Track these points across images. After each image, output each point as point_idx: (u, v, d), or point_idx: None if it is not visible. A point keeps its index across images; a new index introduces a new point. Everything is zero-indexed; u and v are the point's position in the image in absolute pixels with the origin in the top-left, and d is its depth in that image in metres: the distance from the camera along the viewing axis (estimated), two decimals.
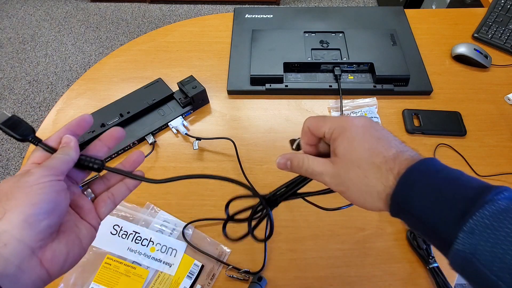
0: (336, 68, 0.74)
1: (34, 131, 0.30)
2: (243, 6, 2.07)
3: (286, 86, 0.74)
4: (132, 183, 0.34)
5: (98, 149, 0.33)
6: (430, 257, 0.53)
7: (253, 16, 0.87)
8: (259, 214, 0.37)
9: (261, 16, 0.87)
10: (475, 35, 0.84)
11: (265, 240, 0.36)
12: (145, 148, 0.68)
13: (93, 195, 0.32)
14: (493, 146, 0.66)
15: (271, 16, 0.87)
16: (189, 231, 0.58)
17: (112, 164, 0.66)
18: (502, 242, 0.21)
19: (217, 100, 0.74)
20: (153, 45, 0.85)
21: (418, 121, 0.69)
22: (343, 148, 0.30)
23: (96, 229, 0.31)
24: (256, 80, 0.74)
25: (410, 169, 0.27)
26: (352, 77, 0.75)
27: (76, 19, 2.18)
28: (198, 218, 0.59)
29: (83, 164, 0.31)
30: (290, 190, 0.35)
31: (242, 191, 0.64)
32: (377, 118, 0.69)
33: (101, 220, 0.32)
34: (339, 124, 0.31)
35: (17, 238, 0.24)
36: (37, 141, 0.30)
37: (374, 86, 0.73)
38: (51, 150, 0.30)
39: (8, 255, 0.23)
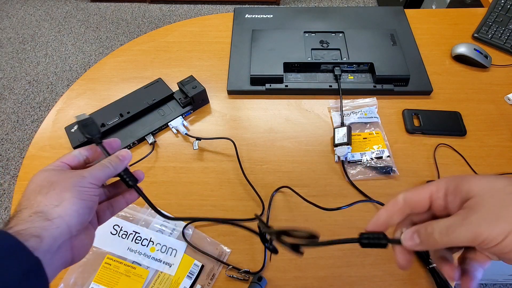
0: (336, 68, 0.74)
1: (100, 132, 0.35)
2: (243, 6, 2.07)
3: (286, 86, 0.74)
4: (130, 199, 0.37)
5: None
6: (430, 257, 0.53)
7: (253, 16, 0.87)
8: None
9: (261, 16, 0.87)
10: (475, 35, 0.84)
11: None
12: (145, 148, 0.68)
13: None
14: (493, 146, 0.66)
15: (271, 16, 0.87)
16: (189, 231, 0.58)
17: None
18: None
19: (217, 100, 0.74)
20: (153, 45, 0.85)
21: (418, 121, 0.69)
22: (487, 189, 0.24)
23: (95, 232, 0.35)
24: (256, 80, 0.74)
25: None
26: (352, 77, 0.75)
27: (76, 19, 2.18)
28: (198, 218, 0.58)
29: (121, 175, 0.34)
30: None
31: (241, 191, 0.64)
32: (377, 118, 0.69)
33: (98, 226, 0.35)
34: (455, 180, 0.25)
35: (66, 224, 0.28)
36: (99, 142, 0.35)
37: (374, 86, 0.73)
38: (108, 154, 0.35)
39: (57, 236, 0.28)
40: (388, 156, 0.64)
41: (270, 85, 0.74)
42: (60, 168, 0.32)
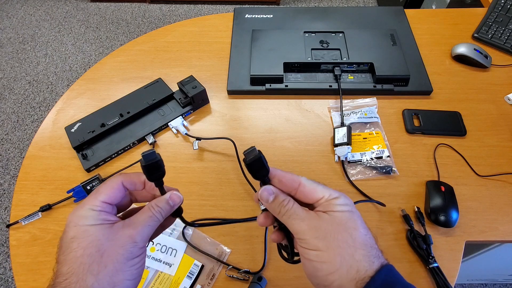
0: (336, 68, 0.74)
1: (164, 174, 0.32)
2: (243, 6, 2.07)
3: (286, 86, 0.74)
4: (168, 225, 0.35)
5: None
6: (430, 257, 0.53)
7: (253, 16, 0.87)
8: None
9: (261, 16, 0.87)
10: (475, 35, 0.84)
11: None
12: (145, 148, 0.68)
13: None
14: (493, 146, 0.66)
15: (271, 16, 0.87)
16: (189, 231, 0.58)
17: (113, 164, 0.66)
18: None
19: (217, 100, 0.74)
20: (153, 45, 0.85)
21: (418, 121, 0.69)
22: (344, 217, 0.29)
23: None
24: (256, 80, 0.74)
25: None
26: (352, 77, 0.75)
27: (76, 19, 2.18)
28: (198, 218, 0.59)
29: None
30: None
31: (241, 191, 0.64)
32: (377, 118, 0.69)
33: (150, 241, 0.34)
34: (349, 201, 0.31)
35: None
36: (160, 184, 0.32)
37: (374, 86, 0.73)
38: (163, 193, 0.32)
39: None
40: (388, 156, 0.64)
41: (270, 85, 0.74)
42: (106, 223, 0.29)
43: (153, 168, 0.30)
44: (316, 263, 0.28)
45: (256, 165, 0.30)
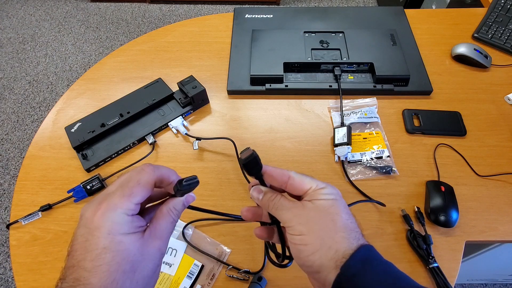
0: (336, 68, 0.74)
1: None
2: (243, 6, 2.07)
3: (286, 86, 0.74)
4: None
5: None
6: (430, 257, 0.53)
7: (253, 16, 0.87)
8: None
9: (261, 16, 0.87)
10: (475, 35, 0.84)
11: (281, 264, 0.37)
12: (145, 148, 0.68)
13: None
14: (493, 146, 0.66)
15: (271, 16, 0.87)
16: (189, 231, 0.58)
17: (113, 164, 0.66)
18: None
19: (217, 100, 0.74)
20: (153, 45, 0.85)
21: (418, 121, 0.69)
22: (327, 204, 0.31)
23: None
24: (256, 80, 0.74)
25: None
26: (352, 77, 0.75)
27: (76, 19, 2.18)
28: (198, 218, 0.59)
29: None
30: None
31: (241, 191, 0.64)
32: (377, 118, 0.69)
33: None
34: (335, 191, 0.33)
35: None
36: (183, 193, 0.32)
37: (374, 86, 0.73)
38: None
39: None
40: (388, 156, 0.64)
41: (270, 85, 0.74)
42: (138, 230, 0.29)
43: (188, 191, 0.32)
44: (299, 246, 0.31)
45: (252, 164, 0.32)
